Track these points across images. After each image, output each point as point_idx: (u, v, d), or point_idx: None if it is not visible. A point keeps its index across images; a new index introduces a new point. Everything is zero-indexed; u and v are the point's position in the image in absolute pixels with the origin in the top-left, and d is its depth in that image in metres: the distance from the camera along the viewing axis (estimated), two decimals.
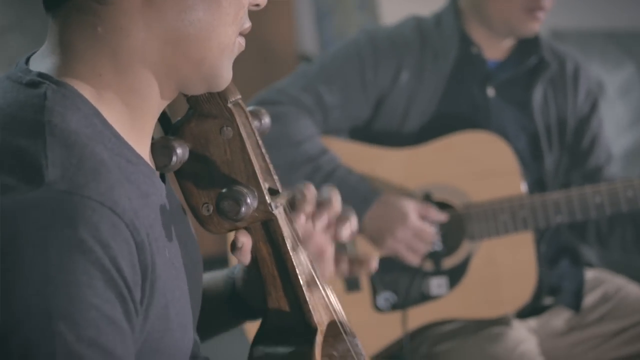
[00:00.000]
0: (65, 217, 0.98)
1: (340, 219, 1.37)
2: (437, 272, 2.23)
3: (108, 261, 0.99)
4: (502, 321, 2.24)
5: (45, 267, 0.96)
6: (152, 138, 1.19)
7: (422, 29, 2.31)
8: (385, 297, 2.25)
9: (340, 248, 2.22)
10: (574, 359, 2.30)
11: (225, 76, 1.16)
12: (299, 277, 1.23)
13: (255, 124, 1.27)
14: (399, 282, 2.24)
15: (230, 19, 1.13)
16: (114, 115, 1.11)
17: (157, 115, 1.17)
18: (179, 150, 1.17)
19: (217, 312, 1.39)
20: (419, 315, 2.23)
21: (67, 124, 1.05)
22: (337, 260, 1.42)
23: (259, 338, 1.25)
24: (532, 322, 2.32)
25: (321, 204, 1.38)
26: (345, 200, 2.18)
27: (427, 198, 2.23)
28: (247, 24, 1.17)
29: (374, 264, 1.41)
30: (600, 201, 2.17)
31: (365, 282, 2.26)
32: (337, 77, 2.27)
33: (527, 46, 2.32)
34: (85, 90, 1.10)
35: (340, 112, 2.27)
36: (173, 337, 1.12)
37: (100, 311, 0.97)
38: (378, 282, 2.25)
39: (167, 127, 1.24)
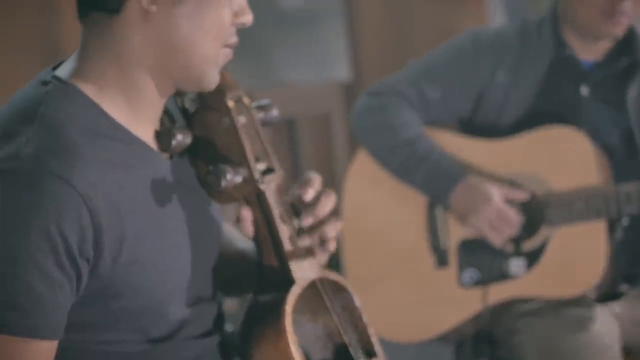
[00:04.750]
0: (25, 183, 1.32)
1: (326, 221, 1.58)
2: (517, 253, 2.44)
3: (51, 221, 1.31)
4: (583, 303, 2.41)
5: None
6: (165, 125, 1.51)
7: (524, 30, 2.50)
8: (470, 274, 2.47)
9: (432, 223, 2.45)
10: None
11: (210, 80, 1.45)
12: (282, 240, 1.51)
13: (260, 115, 1.55)
14: (482, 261, 2.46)
15: (212, 36, 1.42)
16: (115, 106, 1.42)
17: (158, 106, 1.47)
18: (179, 137, 1.47)
19: (251, 273, 1.64)
20: (498, 292, 2.44)
21: (57, 114, 1.38)
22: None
23: (257, 289, 1.55)
24: (616, 306, 2.47)
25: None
26: (435, 180, 2.45)
27: (512, 185, 2.44)
28: (233, 39, 1.46)
29: None
30: None
31: (453, 260, 2.49)
32: (439, 74, 2.52)
33: (622, 47, 2.47)
34: (89, 88, 1.42)
35: (440, 105, 2.52)
36: (151, 280, 1.43)
37: (30, 255, 1.31)
38: (464, 260, 2.48)
39: (186, 117, 1.54)
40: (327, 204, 1.56)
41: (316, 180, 1.57)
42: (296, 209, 1.57)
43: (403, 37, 4.50)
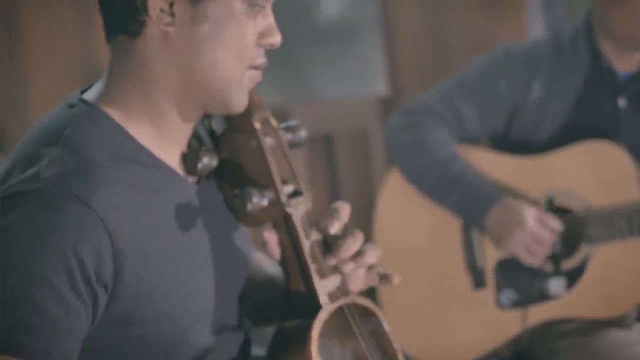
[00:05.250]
0: (44, 203, 1.30)
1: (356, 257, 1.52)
2: (556, 273, 2.37)
3: (67, 243, 1.28)
4: (621, 323, 2.34)
5: (17, 236, 1.29)
6: (192, 147, 1.47)
7: (558, 43, 2.44)
8: (508, 295, 2.40)
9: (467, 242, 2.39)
10: None
11: (236, 103, 1.42)
12: (310, 265, 1.47)
13: (288, 137, 1.51)
14: (520, 281, 2.39)
15: (234, 57, 1.39)
16: (141, 130, 1.40)
17: (185, 129, 1.44)
18: (205, 160, 1.44)
19: (280, 300, 1.59)
20: (538, 313, 2.38)
21: (81, 137, 1.36)
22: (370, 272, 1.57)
23: (284, 314, 1.50)
24: None
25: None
26: (468, 202, 2.38)
27: (549, 202, 2.38)
28: (260, 61, 1.42)
29: (395, 280, 1.56)
30: None
31: (490, 280, 2.42)
32: (472, 90, 2.46)
33: None
34: (115, 112, 1.40)
35: (474, 122, 2.46)
36: (174, 306, 1.39)
37: (45, 277, 1.28)
38: (501, 281, 2.41)
39: (214, 138, 1.52)
40: (353, 246, 1.50)
41: (343, 211, 1.50)
42: (326, 240, 1.52)
43: (441, 50, 4.46)
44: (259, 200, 1.43)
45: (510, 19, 4.39)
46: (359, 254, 1.51)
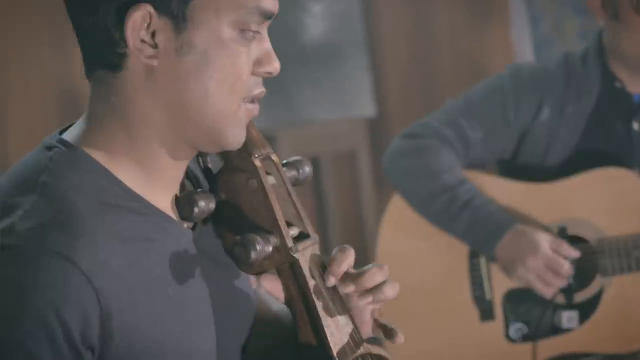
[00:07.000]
0: (20, 262, 1.17)
1: (375, 290, 1.40)
2: (569, 305, 2.27)
3: (48, 305, 1.16)
4: (638, 359, 2.25)
5: None
6: (186, 190, 1.35)
7: (568, 64, 2.35)
8: (517, 328, 2.31)
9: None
10: None
11: (231, 140, 1.28)
12: (320, 314, 1.34)
13: (292, 174, 1.38)
14: (531, 313, 2.30)
15: (226, 89, 1.25)
16: (128, 173, 1.27)
17: (177, 170, 1.31)
18: (201, 204, 1.30)
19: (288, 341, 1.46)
20: (549, 347, 2.28)
21: (61, 183, 1.22)
22: (375, 322, 1.45)
23: None
24: None
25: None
26: (479, 229, 2.27)
27: (562, 232, 2.27)
28: (257, 91, 1.28)
29: (400, 339, 1.43)
30: None
31: (499, 313, 2.32)
32: (479, 113, 2.36)
33: None
34: (99, 153, 1.26)
35: (482, 146, 2.36)
36: None
37: (24, 347, 1.15)
38: (511, 313, 2.31)
39: (210, 179, 1.38)
40: (377, 277, 1.37)
41: (343, 261, 1.35)
42: None
43: (427, 70, 4.42)
44: (263, 247, 1.30)
45: (497, 39, 4.36)
46: (377, 287, 1.39)
